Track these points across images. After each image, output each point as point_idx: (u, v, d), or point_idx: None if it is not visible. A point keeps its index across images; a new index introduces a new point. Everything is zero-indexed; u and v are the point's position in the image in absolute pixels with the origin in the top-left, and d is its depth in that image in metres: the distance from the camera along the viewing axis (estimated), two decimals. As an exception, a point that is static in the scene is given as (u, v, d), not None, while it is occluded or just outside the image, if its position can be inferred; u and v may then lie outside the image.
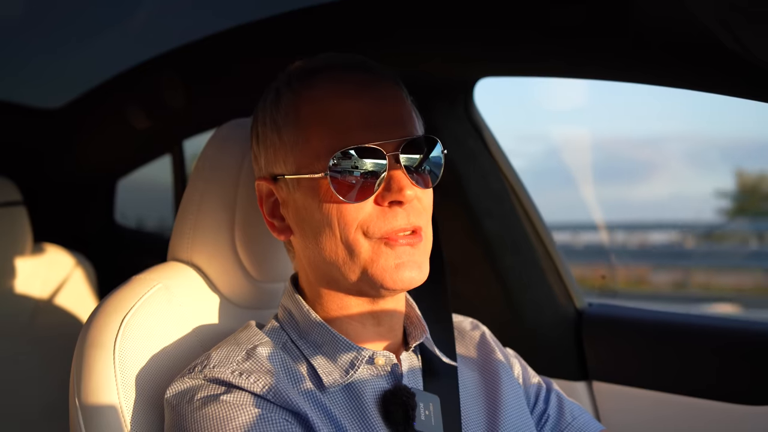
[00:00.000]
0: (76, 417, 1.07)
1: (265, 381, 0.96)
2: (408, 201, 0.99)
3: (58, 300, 2.24)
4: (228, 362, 0.99)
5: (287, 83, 1.06)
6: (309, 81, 1.04)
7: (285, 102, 1.05)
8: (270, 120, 1.06)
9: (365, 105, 1.01)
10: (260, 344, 1.03)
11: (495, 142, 1.81)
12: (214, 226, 1.20)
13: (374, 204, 0.99)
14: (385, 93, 1.04)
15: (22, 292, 2.20)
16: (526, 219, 1.79)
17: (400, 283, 1.00)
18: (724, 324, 1.59)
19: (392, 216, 0.99)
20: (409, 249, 1.00)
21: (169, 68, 2.15)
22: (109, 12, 1.89)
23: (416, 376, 1.10)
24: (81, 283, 2.30)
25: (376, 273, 0.99)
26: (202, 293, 1.21)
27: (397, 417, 1.00)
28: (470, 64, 1.66)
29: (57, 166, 2.75)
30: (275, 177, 1.06)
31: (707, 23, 1.09)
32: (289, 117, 1.03)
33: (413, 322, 1.13)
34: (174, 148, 2.60)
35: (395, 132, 1.01)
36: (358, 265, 1.00)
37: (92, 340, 1.09)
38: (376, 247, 0.99)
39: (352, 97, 1.01)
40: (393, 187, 0.98)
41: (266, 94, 1.10)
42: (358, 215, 0.99)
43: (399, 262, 0.99)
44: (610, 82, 1.48)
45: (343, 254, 1.00)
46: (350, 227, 0.99)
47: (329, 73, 1.04)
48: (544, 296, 1.78)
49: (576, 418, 1.21)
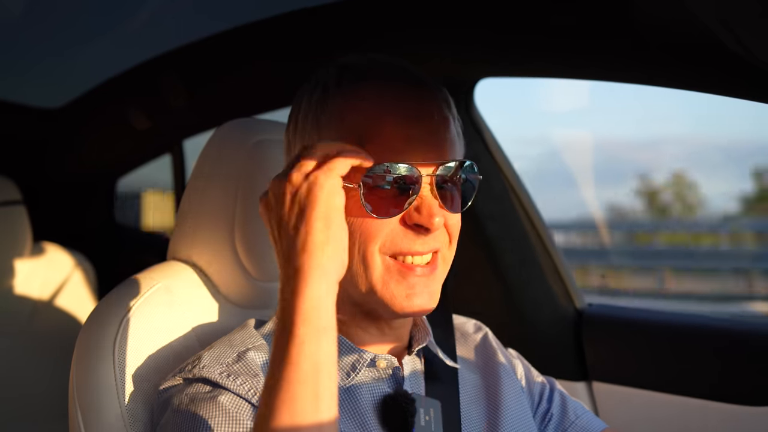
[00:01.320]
0: (76, 416, 1.07)
1: (251, 384, 0.96)
2: (435, 229, 0.97)
3: (57, 299, 2.24)
4: (218, 363, 0.99)
5: (337, 84, 1.03)
6: (357, 86, 1.01)
7: (331, 104, 1.02)
8: (312, 117, 1.03)
9: (407, 123, 0.99)
10: (253, 347, 1.02)
11: (495, 143, 1.81)
12: (214, 225, 1.20)
13: (399, 223, 0.98)
14: (430, 110, 1.02)
15: (21, 292, 2.20)
16: (526, 219, 1.79)
17: (409, 309, 0.99)
18: (724, 324, 1.59)
19: (413, 238, 0.98)
20: (422, 279, 0.99)
21: (169, 69, 2.15)
22: (110, 12, 1.89)
23: (418, 380, 1.10)
24: (80, 282, 2.30)
25: (385, 296, 0.98)
26: (201, 293, 1.21)
27: (396, 423, 1.00)
28: (470, 65, 1.66)
29: (57, 165, 2.75)
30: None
31: (708, 24, 1.09)
32: (333, 121, 1.01)
33: (417, 325, 1.13)
34: (174, 148, 2.61)
35: (433, 154, 0.99)
36: (369, 280, 0.99)
37: (92, 339, 1.09)
38: (388, 268, 0.98)
39: (395, 113, 0.99)
40: (423, 212, 0.97)
41: (311, 88, 1.06)
42: (382, 231, 0.97)
43: (410, 293, 0.98)
44: (610, 83, 1.48)
45: (357, 265, 0.99)
46: (370, 241, 0.97)
47: (376, 81, 1.02)
48: (544, 296, 1.78)
49: (579, 417, 1.22)
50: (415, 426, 1.00)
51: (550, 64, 1.51)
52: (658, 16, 1.20)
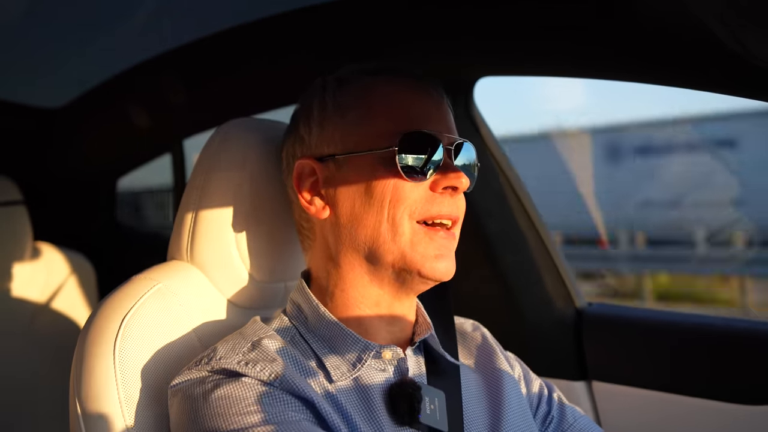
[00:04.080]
0: (77, 417, 1.07)
1: (272, 369, 0.97)
2: (463, 188, 1.06)
3: (58, 300, 2.24)
4: (234, 354, 1.00)
5: (353, 75, 1.12)
6: (374, 77, 1.11)
7: (353, 87, 1.10)
8: (332, 103, 1.10)
9: (426, 104, 1.09)
10: (266, 336, 1.04)
11: (495, 142, 1.81)
12: (214, 225, 1.20)
13: (428, 188, 1.05)
14: (440, 100, 1.12)
15: (22, 292, 2.20)
16: (526, 219, 1.79)
17: (437, 272, 1.04)
18: (723, 324, 1.59)
19: (440, 202, 1.05)
20: (447, 242, 1.06)
21: (169, 68, 2.15)
22: (109, 11, 1.89)
23: (421, 373, 1.12)
24: (81, 283, 2.31)
25: (415, 258, 1.03)
26: (201, 293, 1.21)
27: (403, 409, 1.02)
28: (470, 63, 1.66)
29: (58, 165, 2.75)
30: (323, 157, 1.09)
31: (708, 23, 1.09)
32: (358, 100, 1.08)
33: (419, 321, 1.15)
34: (174, 148, 2.61)
35: (451, 130, 1.10)
36: (397, 245, 1.03)
37: (92, 339, 1.09)
38: (416, 231, 1.04)
39: (415, 96, 1.09)
40: (450, 175, 1.04)
41: (323, 85, 1.13)
42: (411, 195, 1.03)
43: (438, 254, 1.04)
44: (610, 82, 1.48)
45: (385, 232, 1.04)
46: (401, 205, 1.03)
47: (389, 75, 1.11)
48: (544, 296, 1.78)
49: (577, 420, 1.23)
50: (421, 413, 1.02)
51: (551, 62, 1.51)
52: (658, 15, 1.20)
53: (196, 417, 0.96)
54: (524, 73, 1.59)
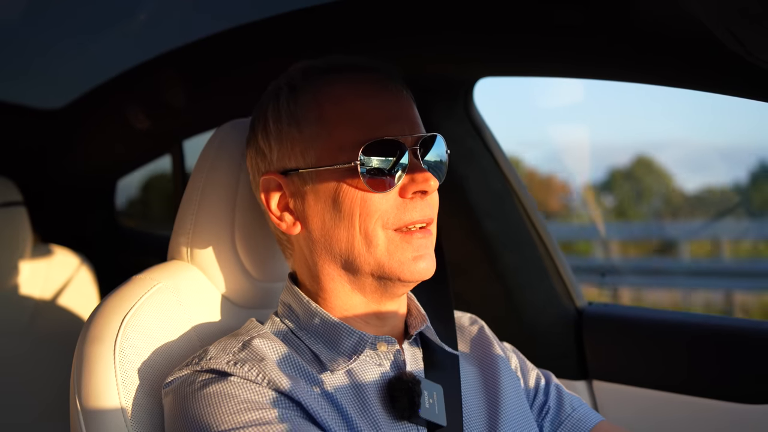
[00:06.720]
0: (77, 416, 1.07)
1: (259, 368, 0.97)
2: (432, 191, 1.03)
3: (58, 300, 2.24)
4: (224, 354, 1.00)
5: (304, 79, 1.08)
6: (326, 78, 1.07)
7: (304, 97, 1.06)
8: (287, 115, 1.06)
9: (384, 103, 1.05)
10: (258, 336, 1.04)
11: (495, 142, 1.81)
12: (214, 225, 1.21)
13: (397, 196, 1.02)
14: (398, 93, 1.07)
15: (22, 293, 2.19)
16: (526, 219, 1.79)
17: (417, 274, 1.03)
18: (724, 323, 1.59)
19: (411, 208, 1.03)
20: (424, 241, 1.03)
21: (169, 68, 2.15)
22: (109, 12, 1.89)
23: (418, 366, 1.11)
24: (81, 283, 2.30)
25: (393, 266, 1.02)
26: (202, 292, 1.21)
27: (403, 403, 1.02)
28: (470, 64, 1.66)
29: (58, 166, 2.75)
30: (287, 171, 1.07)
31: (708, 23, 1.09)
32: (311, 111, 1.05)
33: (413, 314, 1.14)
34: (174, 148, 2.61)
35: (413, 129, 1.05)
36: (373, 256, 1.02)
37: (93, 339, 1.09)
38: (392, 239, 1.02)
39: (370, 96, 1.05)
40: (418, 179, 1.02)
41: (275, 92, 1.10)
42: (381, 206, 1.01)
43: (416, 255, 1.02)
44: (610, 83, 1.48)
45: (359, 245, 1.02)
46: (371, 218, 1.01)
47: (344, 73, 1.07)
48: (545, 296, 1.78)
49: (576, 409, 1.22)
50: (420, 407, 1.01)
51: (550, 63, 1.51)
52: (657, 15, 1.20)
53: (186, 416, 0.96)
54: (524, 74, 1.59)
